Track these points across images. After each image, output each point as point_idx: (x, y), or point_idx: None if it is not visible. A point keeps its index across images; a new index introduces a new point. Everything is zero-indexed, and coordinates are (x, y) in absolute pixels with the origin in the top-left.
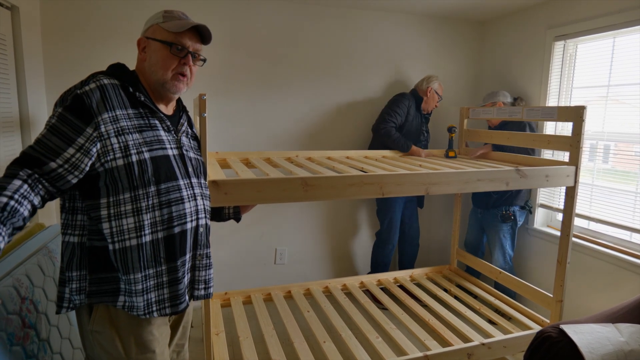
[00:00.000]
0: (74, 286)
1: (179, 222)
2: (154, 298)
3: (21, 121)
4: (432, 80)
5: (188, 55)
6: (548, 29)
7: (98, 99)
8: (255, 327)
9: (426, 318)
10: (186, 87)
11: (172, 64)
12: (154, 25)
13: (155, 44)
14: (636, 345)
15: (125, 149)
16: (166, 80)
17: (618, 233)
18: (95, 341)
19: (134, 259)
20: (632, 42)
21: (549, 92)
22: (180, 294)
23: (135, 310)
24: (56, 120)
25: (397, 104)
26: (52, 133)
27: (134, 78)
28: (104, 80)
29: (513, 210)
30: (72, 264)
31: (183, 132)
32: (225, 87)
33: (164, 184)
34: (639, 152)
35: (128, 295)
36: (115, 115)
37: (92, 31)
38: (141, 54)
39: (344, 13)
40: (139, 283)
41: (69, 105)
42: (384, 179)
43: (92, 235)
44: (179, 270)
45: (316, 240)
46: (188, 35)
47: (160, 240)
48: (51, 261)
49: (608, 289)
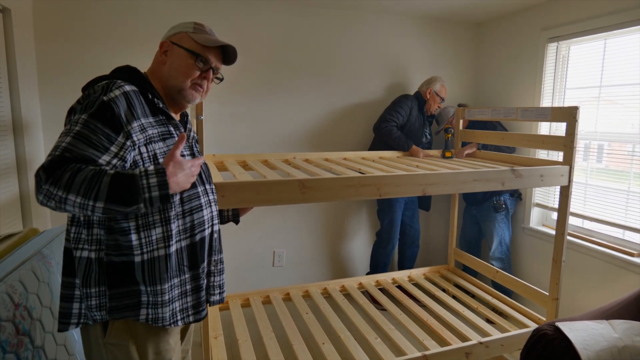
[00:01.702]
0: (93, 303)
1: (200, 229)
2: (178, 307)
3: (14, 124)
4: (432, 81)
5: (210, 70)
6: (542, 30)
7: (125, 107)
8: (254, 330)
9: (424, 318)
10: (200, 98)
11: (194, 74)
12: (182, 32)
13: (180, 51)
14: (629, 341)
15: (154, 158)
16: (184, 88)
17: (611, 231)
18: (109, 354)
19: (162, 269)
20: (622, 44)
21: (542, 93)
22: (202, 301)
23: (161, 322)
24: (82, 127)
25: (400, 104)
26: (82, 142)
27: (149, 83)
28: (125, 87)
29: (503, 199)
30: (89, 280)
31: (192, 137)
32: (222, 89)
33: (187, 192)
34: (631, 151)
35: (152, 307)
36: (142, 124)
37: (85, 34)
38: (162, 56)
39: (341, 15)
40: (166, 293)
41: (95, 113)
42: (381, 180)
43: (110, 251)
44: (201, 277)
45: (314, 242)
46: (214, 51)
47: (184, 249)
48: (45, 267)
49: (602, 286)
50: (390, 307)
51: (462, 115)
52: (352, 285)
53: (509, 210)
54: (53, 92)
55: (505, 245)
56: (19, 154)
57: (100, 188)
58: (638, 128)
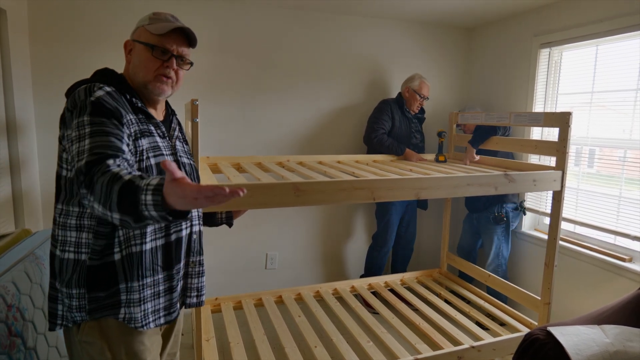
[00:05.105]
0: (74, 303)
1: (175, 229)
2: (150, 308)
3: (7, 125)
4: (410, 79)
5: (172, 58)
6: (534, 36)
7: (113, 103)
8: (246, 333)
9: (417, 322)
10: (171, 89)
11: (154, 66)
12: (140, 27)
13: (139, 46)
14: (621, 346)
15: (141, 154)
16: (148, 81)
17: (603, 236)
18: (84, 351)
19: (134, 265)
20: (614, 50)
21: (535, 98)
22: (174, 303)
23: (134, 322)
24: (91, 126)
25: (381, 111)
26: (100, 135)
27: (126, 83)
28: (105, 87)
29: (505, 211)
30: (71, 282)
31: (176, 137)
32: (215, 92)
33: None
34: (622, 157)
35: (128, 306)
36: (130, 119)
37: (80, 35)
38: (127, 56)
39: (333, 18)
40: (136, 292)
41: (93, 112)
42: (375, 183)
43: (93, 255)
44: (174, 278)
45: (307, 244)
46: (173, 37)
47: (159, 248)
48: (38, 268)
49: (594, 291)
50: (383, 311)
51: (456, 120)
52: (345, 289)
53: (509, 223)
54: (47, 92)
55: (502, 259)
56: (12, 154)
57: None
58: (629, 133)
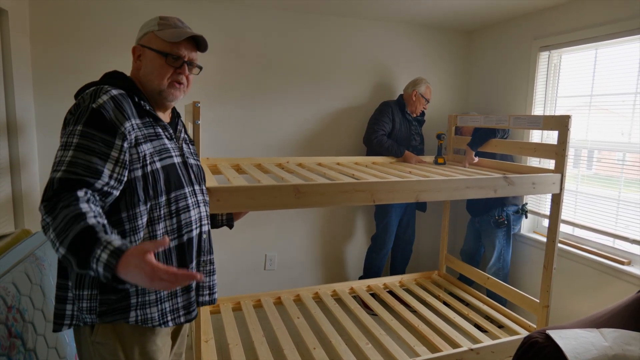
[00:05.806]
0: (84, 305)
1: (187, 230)
2: (168, 307)
3: (8, 125)
4: (417, 83)
5: (184, 65)
6: (534, 39)
7: (115, 110)
8: (245, 334)
9: (415, 324)
10: (183, 94)
11: (168, 73)
12: (149, 33)
13: (150, 53)
14: (620, 350)
15: (143, 159)
16: (163, 89)
17: (602, 239)
18: (96, 352)
19: None
20: (613, 54)
21: (534, 101)
22: (193, 302)
23: (150, 322)
24: (80, 138)
25: (381, 113)
26: (85, 152)
27: (135, 86)
28: (113, 91)
29: (506, 214)
30: (83, 283)
31: (182, 138)
32: (215, 93)
33: (173, 192)
34: (621, 159)
35: (141, 308)
36: (132, 125)
37: (81, 36)
38: (136, 62)
39: (333, 21)
40: (152, 293)
41: (88, 121)
42: (375, 186)
43: None
44: None
45: (306, 246)
46: (184, 44)
47: (173, 249)
48: (38, 269)
49: (592, 294)
50: (382, 313)
51: (455, 122)
52: (344, 290)
53: (511, 227)
54: (48, 93)
55: (504, 262)
56: (13, 154)
57: (68, 234)
58: (628, 137)
